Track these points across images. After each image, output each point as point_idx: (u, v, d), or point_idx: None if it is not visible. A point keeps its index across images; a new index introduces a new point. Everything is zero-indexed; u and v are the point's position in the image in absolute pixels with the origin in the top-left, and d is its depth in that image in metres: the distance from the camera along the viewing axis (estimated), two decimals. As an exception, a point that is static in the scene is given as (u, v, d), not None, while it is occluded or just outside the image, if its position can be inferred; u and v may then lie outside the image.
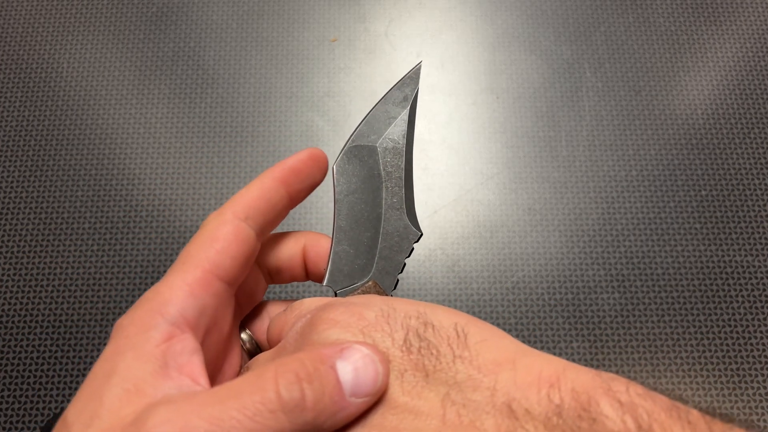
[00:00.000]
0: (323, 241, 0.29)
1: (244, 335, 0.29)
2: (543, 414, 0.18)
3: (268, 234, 0.28)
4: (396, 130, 0.29)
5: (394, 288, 0.28)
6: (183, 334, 0.23)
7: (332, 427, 0.21)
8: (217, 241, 0.25)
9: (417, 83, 0.29)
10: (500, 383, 0.19)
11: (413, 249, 0.29)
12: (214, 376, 0.26)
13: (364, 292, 0.28)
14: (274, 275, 0.30)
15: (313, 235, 0.29)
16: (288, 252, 0.29)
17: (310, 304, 0.26)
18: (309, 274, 0.30)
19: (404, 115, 0.29)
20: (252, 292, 0.29)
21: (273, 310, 0.30)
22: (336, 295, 0.28)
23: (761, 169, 0.56)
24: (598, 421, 0.17)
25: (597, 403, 0.18)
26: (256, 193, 0.26)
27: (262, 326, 0.30)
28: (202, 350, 0.24)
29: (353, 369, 0.21)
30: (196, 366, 0.23)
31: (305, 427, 0.20)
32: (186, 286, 0.24)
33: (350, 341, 0.22)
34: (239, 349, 0.28)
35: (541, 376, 0.19)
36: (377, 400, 0.21)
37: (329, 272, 0.28)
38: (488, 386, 0.20)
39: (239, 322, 0.29)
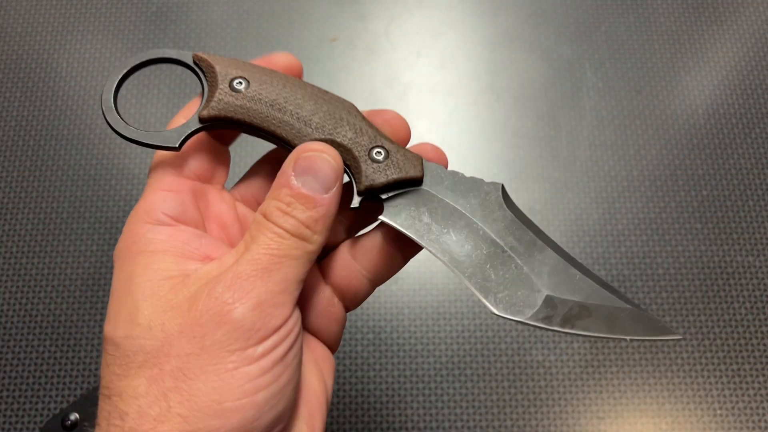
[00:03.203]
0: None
1: None
2: None
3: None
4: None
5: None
6: (177, 227, 0.26)
7: (325, 225, 0.25)
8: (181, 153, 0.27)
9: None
10: None
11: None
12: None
13: None
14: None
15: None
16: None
17: None
18: None
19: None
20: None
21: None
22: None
23: (762, 168, 0.56)
24: None
25: None
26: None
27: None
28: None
29: (309, 173, 0.25)
30: (206, 246, 0.26)
31: (306, 234, 0.24)
32: (159, 191, 0.26)
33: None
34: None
35: None
36: None
37: None
38: None
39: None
